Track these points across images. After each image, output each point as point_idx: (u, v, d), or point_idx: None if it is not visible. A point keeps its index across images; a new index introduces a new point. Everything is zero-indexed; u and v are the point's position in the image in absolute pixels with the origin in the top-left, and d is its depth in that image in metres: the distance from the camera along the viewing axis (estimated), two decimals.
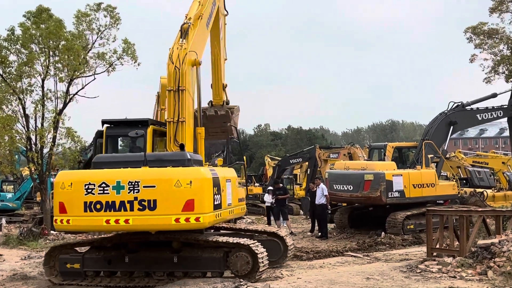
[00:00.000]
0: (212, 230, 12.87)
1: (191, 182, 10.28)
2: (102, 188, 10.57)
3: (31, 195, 31.93)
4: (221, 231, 12.91)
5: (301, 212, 32.00)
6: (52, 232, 21.14)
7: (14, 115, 22.21)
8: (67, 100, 22.73)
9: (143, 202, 10.34)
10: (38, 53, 22.30)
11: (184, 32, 12.31)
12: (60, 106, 22.54)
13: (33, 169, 22.47)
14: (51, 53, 22.49)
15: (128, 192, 10.41)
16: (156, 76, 15.79)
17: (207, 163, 12.47)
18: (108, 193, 10.51)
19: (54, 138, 22.15)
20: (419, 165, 19.61)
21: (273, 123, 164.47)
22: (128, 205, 10.38)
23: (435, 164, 20.59)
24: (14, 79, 22.16)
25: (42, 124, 22.30)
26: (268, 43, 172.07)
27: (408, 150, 23.95)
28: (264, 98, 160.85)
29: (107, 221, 10.53)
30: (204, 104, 15.24)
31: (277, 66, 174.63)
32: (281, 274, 12.07)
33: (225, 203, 11.39)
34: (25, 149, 22.55)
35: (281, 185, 24.06)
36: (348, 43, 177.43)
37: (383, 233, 18.25)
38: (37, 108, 22.24)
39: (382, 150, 23.99)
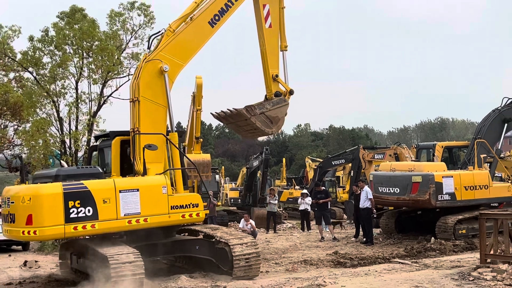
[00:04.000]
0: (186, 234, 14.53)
1: (30, 198, 11.81)
2: (4, 203, 12.89)
3: None
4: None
5: (345, 216, 31.85)
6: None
7: (48, 118, 22.86)
8: (101, 102, 23.27)
9: (10, 216, 12.36)
10: (72, 54, 22.91)
11: (158, 41, 13.55)
12: (94, 108, 23.09)
13: None
14: (84, 54, 23.08)
15: (7, 207, 12.59)
16: (192, 76, 16.26)
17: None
18: (4, 207, 12.83)
19: (88, 141, 22.68)
20: (471, 165, 19.42)
21: (313, 123, 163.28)
22: (8, 218, 12.53)
23: (488, 164, 20.32)
24: (48, 81, 22.80)
25: (76, 127, 22.89)
26: (305, 34, 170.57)
27: (459, 149, 23.75)
28: (303, 95, 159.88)
29: (4, 231, 13.19)
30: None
31: (316, 59, 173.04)
32: (324, 282, 12.00)
33: (110, 214, 12.16)
34: (59, 152, 23.18)
35: (322, 188, 24.05)
36: (393, 33, 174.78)
37: (432, 238, 18.08)
38: (71, 111, 22.83)
39: (431, 150, 23.71)
